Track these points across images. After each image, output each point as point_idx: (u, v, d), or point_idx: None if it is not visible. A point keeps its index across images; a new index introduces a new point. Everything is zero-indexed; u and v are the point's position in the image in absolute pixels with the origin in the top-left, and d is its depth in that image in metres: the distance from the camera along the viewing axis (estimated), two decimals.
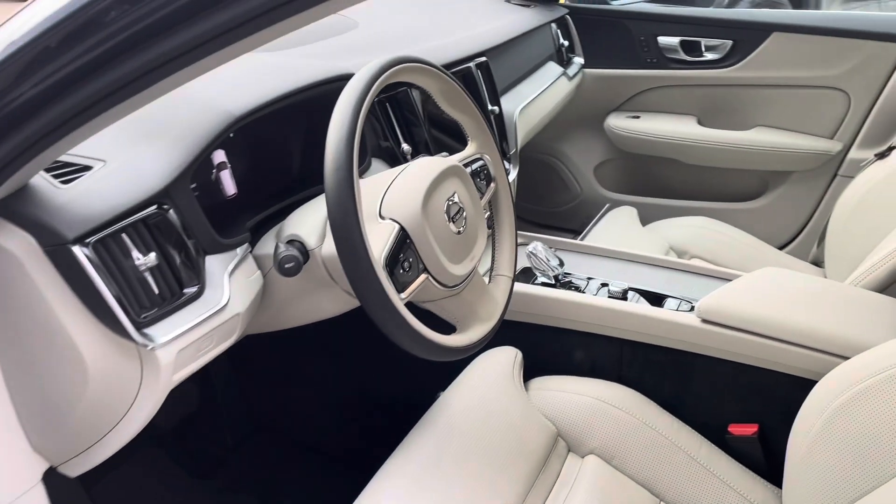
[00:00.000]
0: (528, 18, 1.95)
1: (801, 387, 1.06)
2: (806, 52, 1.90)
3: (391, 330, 0.85)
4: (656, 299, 1.35)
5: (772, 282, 1.30)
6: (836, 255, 1.77)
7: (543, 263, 1.36)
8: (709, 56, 2.03)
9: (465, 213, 1.00)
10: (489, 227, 1.14)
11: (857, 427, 0.89)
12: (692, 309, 1.28)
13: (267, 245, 1.04)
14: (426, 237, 0.92)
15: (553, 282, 1.37)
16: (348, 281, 0.83)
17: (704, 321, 1.23)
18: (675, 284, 1.40)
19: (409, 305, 0.89)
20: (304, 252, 0.97)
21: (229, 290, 0.94)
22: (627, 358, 1.31)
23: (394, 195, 0.94)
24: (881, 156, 1.73)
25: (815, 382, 1.01)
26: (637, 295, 1.35)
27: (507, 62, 1.76)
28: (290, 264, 0.93)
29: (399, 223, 0.91)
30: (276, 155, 1.20)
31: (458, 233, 0.98)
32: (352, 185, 0.81)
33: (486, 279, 1.13)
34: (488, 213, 1.14)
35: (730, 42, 1.98)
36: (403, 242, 0.91)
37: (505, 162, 1.61)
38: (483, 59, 1.57)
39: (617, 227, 1.92)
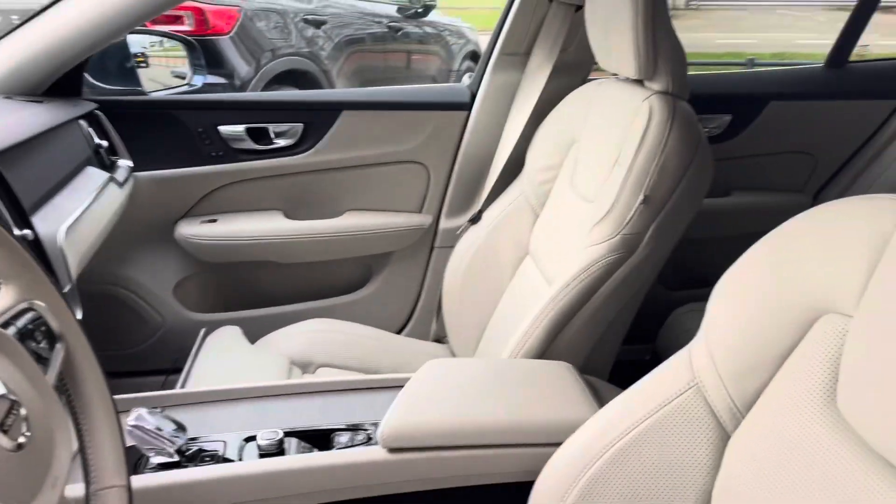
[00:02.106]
0: (43, 116, 1.48)
1: (520, 492, 0.92)
2: (380, 129, 1.84)
3: None
4: (322, 438, 1.03)
5: (443, 378, 1.12)
6: (457, 327, 1.71)
7: (156, 438, 0.93)
8: (280, 142, 1.82)
9: (22, 410, 0.56)
10: (71, 414, 0.69)
11: None
12: (369, 440, 1.02)
13: None
14: None
15: (177, 458, 0.96)
16: None
17: (392, 450, 0.98)
18: (335, 411, 1.10)
19: None
20: None
21: None
22: None
23: None
24: (473, 221, 1.74)
25: (533, 483, 0.89)
26: (296, 441, 1.02)
27: (28, 171, 1.27)
28: None
29: None
30: None
31: (19, 447, 0.54)
32: None
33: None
34: (63, 391, 0.69)
35: (300, 125, 1.81)
36: None
37: None
38: None
39: (222, 352, 1.57)
